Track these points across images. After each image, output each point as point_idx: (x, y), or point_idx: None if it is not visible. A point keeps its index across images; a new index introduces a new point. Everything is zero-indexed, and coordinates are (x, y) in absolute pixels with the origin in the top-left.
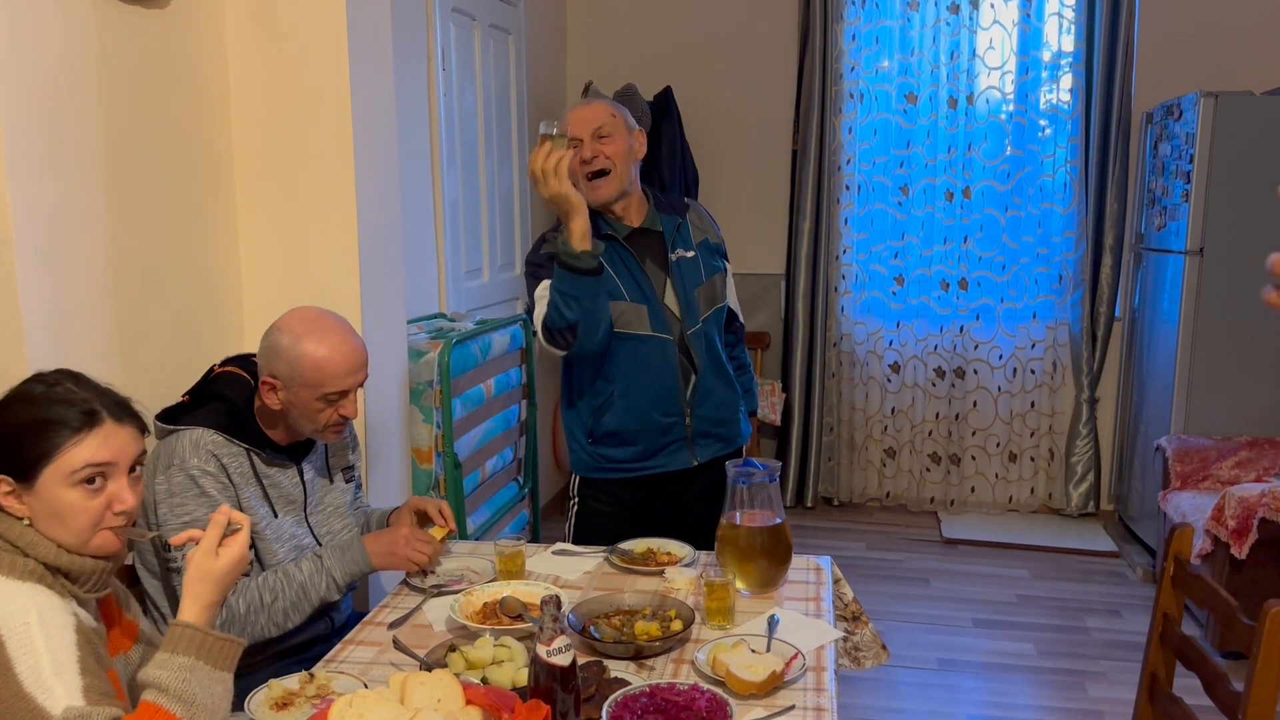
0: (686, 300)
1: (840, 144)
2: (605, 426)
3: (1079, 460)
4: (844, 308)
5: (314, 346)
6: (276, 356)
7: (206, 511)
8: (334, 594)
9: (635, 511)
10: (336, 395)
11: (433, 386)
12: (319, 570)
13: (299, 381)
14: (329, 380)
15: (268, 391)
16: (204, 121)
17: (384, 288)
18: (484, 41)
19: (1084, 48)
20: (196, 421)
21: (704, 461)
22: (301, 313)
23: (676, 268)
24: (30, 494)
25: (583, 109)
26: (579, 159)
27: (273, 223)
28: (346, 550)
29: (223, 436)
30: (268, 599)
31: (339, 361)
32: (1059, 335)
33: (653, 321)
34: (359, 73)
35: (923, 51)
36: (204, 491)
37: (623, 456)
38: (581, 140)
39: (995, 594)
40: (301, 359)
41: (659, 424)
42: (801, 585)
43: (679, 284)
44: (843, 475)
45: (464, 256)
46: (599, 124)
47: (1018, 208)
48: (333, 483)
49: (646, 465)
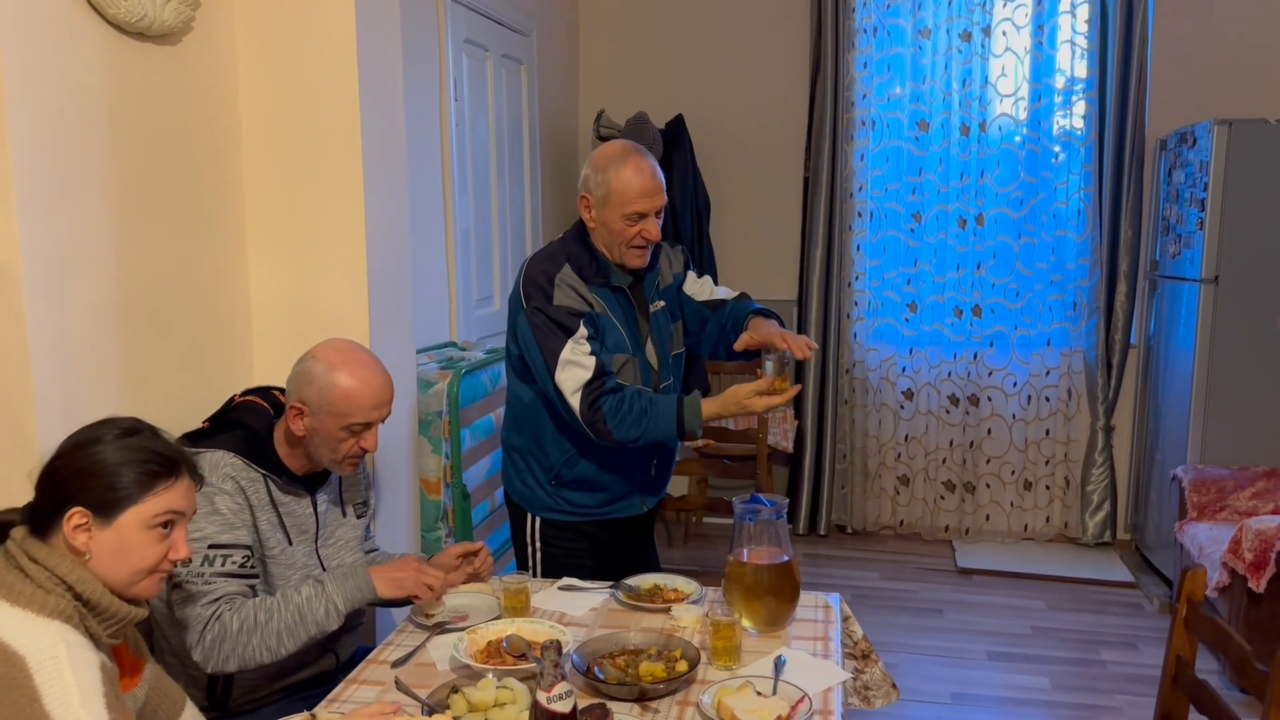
0: (662, 354)
1: (852, 171)
2: (575, 474)
3: (1095, 489)
4: (856, 334)
5: (345, 377)
6: (308, 383)
7: (218, 530)
8: (333, 621)
9: (601, 548)
10: (360, 427)
11: (442, 417)
12: (319, 594)
13: (327, 409)
14: (356, 411)
15: (294, 416)
16: (215, 156)
17: (394, 319)
18: (496, 71)
19: (1097, 74)
20: (216, 445)
21: (650, 509)
22: (336, 344)
23: (655, 320)
24: (104, 529)
25: (645, 179)
26: (641, 235)
27: (283, 256)
28: (350, 576)
29: (242, 460)
30: (262, 618)
31: (368, 394)
32: (1074, 362)
33: (642, 375)
34: (369, 107)
35: (934, 79)
36: (217, 509)
37: (588, 502)
38: (647, 215)
39: (1010, 625)
40: (333, 388)
41: (629, 476)
42: (810, 624)
43: (657, 338)
44: (856, 503)
45: (475, 285)
46: (662, 202)
47: (1031, 234)
48: (345, 516)
49: (606, 511)
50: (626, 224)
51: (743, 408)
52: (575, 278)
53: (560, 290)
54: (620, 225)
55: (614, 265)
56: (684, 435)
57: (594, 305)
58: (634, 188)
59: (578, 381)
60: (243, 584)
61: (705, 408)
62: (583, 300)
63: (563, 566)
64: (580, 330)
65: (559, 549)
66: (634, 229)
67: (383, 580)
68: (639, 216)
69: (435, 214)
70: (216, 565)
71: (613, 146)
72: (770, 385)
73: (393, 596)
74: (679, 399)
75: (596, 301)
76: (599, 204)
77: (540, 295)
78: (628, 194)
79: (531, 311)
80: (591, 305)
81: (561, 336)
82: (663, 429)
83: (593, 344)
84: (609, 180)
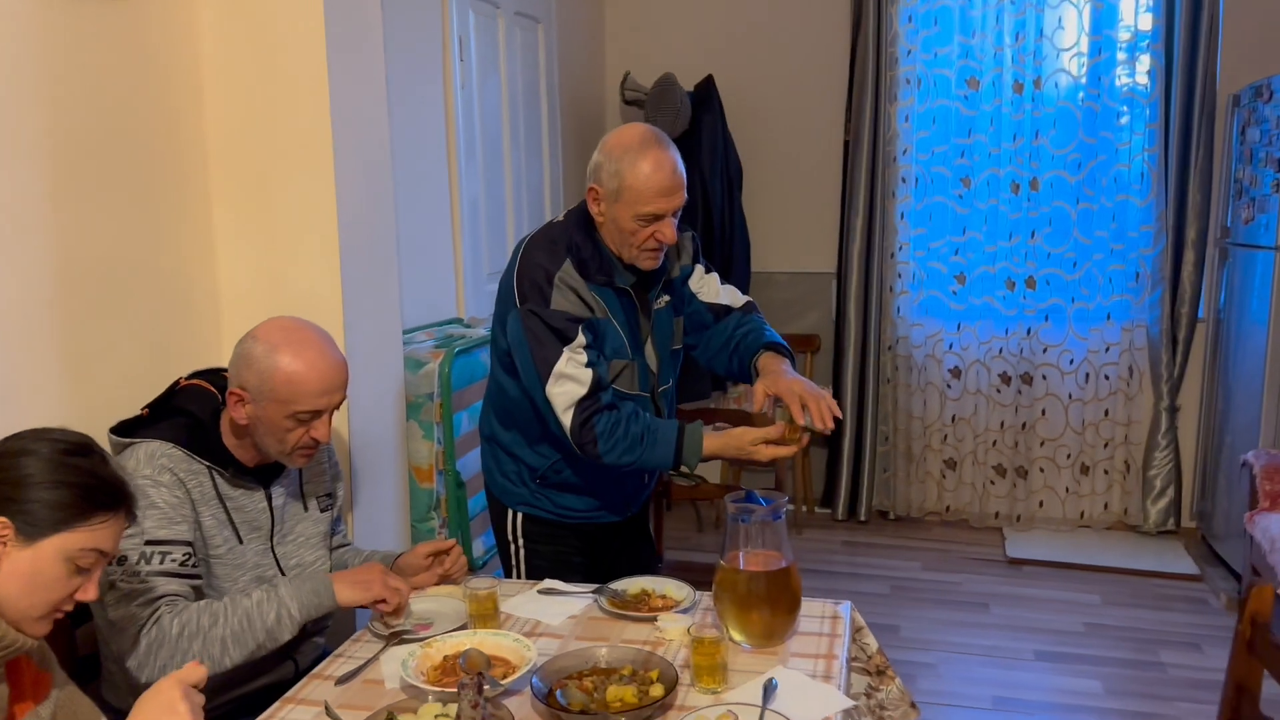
0: (663, 354)
1: (896, 133)
2: (562, 477)
3: (1157, 474)
4: (900, 308)
5: (289, 359)
6: (247, 366)
7: (156, 524)
8: (285, 630)
9: (591, 544)
10: (308, 415)
11: (433, 399)
12: (270, 599)
13: (269, 396)
14: (301, 397)
15: (235, 404)
16: (172, 121)
17: (373, 293)
18: (509, 30)
19: (1163, 25)
20: (155, 435)
21: (636, 512)
22: (280, 322)
23: (657, 319)
24: (23, 549)
25: (665, 175)
26: (655, 238)
27: (251, 225)
28: (307, 580)
29: (182, 452)
30: (205, 623)
31: (315, 378)
32: (1136, 338)
33: (640, 379)
34: (339, 69)
35: (985, 33)
36: (153, 503)
37: (575, 505)
38: (662, 217)
39: (1061, 622)
40: (274, 371)
41: (620, 481)
42: (814, 638)
43: (658, 337)
44: (899, 488)
45: (486, 258)
46: (682, 201)
47: (1090, 200)
48: (306, 510)
49: (591, 516)
50: (639, 224)
51: (747, 454)
52: (576, 276)
53: (559, 292)
54: (632, 225)
55: (620, 264)
56: (678, 467)
57: (594, 309)
58: (651, 185)
59: (571, 398)
60: (184, 584)
61: (707, 443)
62: (582, 304)
63: (548, 565)
64: (578, 339)
65: (544, 546)
66: (647, 231)
67: (344, 584)
68: (654, 218)
69: (439, 182)
70: (154, 563)
71: (630, 133)
72: (782, 434)
73: (354, 602)
74: (680, 429)
75: (597, 304)
76: (610, 198)
77: (537, 296)
78: (644, 192)
79: (526, 314)
80: (592, 309)
81: (557, 345)
82: (658, 458)
83: (590, 353)
84: (623, 173)
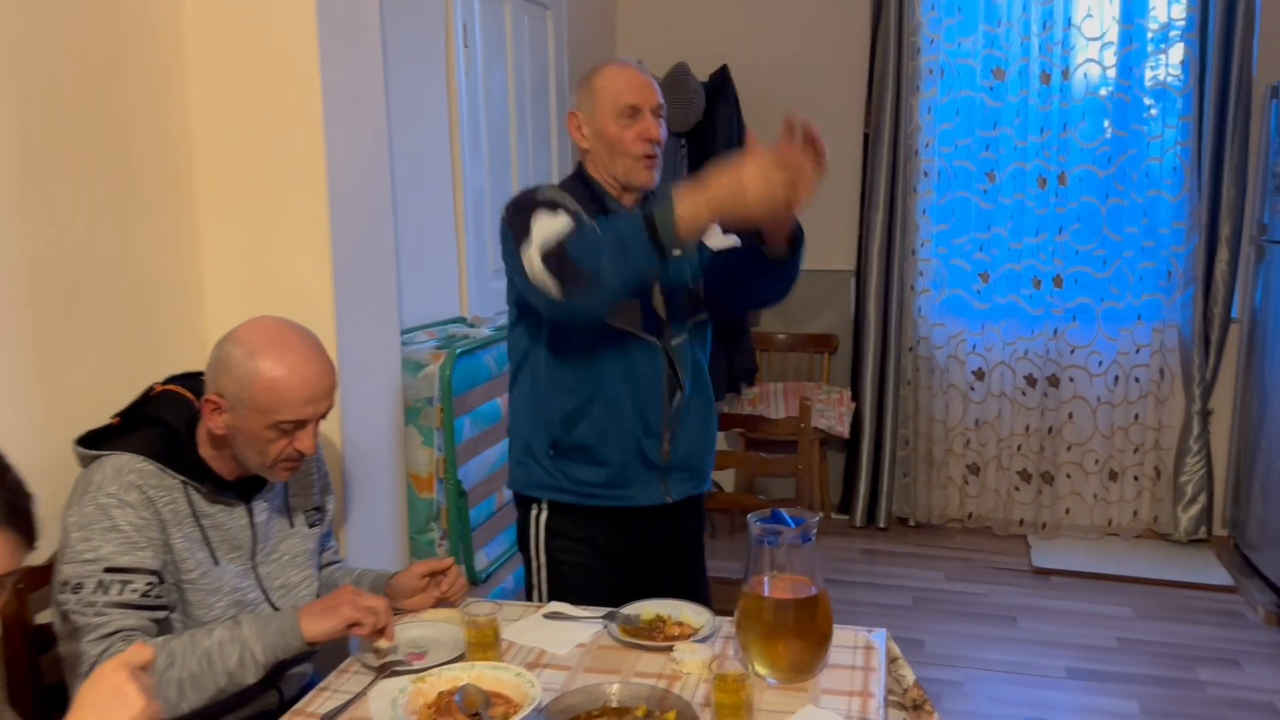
0: (673, 303)
1: (918, 125)
2: (575, 439)
3: (1189, 480)
4: (921, 307)
5: (270, 364)
6: (225, 371)
7: (118, 549)
8: (249, 674)
9: (612, 560)
10: (291, 425)
11: (433, 404)
12: (233, 639)
13: (248, 404)
14: (283, 406)
15: (211, 412)
16: (154, 103)
17: (369, 290)
18: (516, 17)
19: (1197, 14)
20: (124, 447)
21: (676, 500)
22: (262, 323)
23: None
24: None
25: (635, 74)
26: (641, 136)
27: (239, 221)
28: (273, 620)
29: (154, 465)
30: (161, 664)
31: (298, 385)
32: (1167, 339)
33: (645, 321)
34: (330, 43)
35: (1011, 21)
36: (115, 525)
37: (591, 479)
38: (641, 111)
39: (1093, 636)
40: (254, 377)
41: (636, 444)
42: (846, 671)
43: (665, 283)
44: (920, 494)
45: (491, 254)
46: (659, 101)
47: (1120, 195)
48: (293, 526)
49: (616, 494)
50: (623, 126)
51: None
52: (569, 198)
53: (548, 189)
54: (616, 129)
55: (610, 196)
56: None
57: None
58: (621, 78)
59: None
60: (144, 617)
61: (683, 205)
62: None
63: (570, 576)
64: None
65: (569, 558)
66: (632, 130)
67: (310, 617)
68: (633, 110)
69: (441, 174)
70: (112, 593)
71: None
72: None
73: (325, 634)
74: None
75: None
76: (588, 115)
77: (522, 194)
78: (615, 87)
79: (510, 212)
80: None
81: (536, 209)
82: (632, 244)
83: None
84: (593, 84)
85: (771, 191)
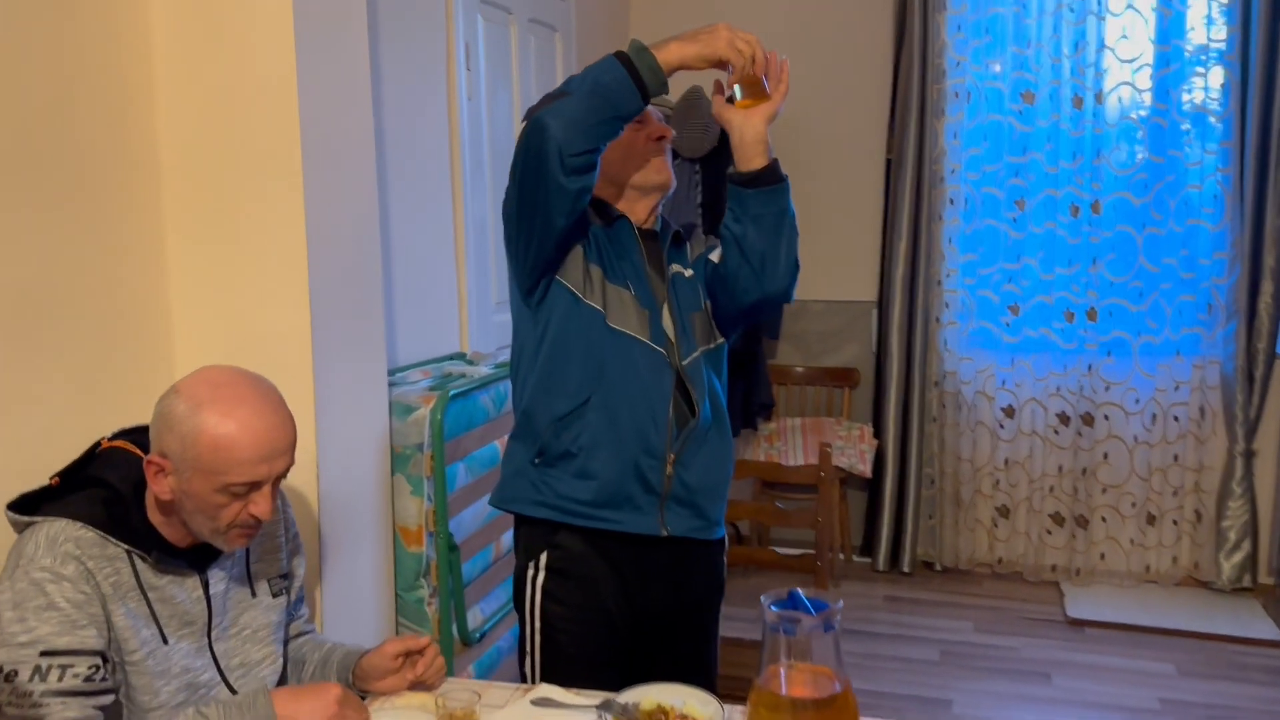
0: (682, 324)
1: (943, 151)
2: (563, 444)
3: (1231, 525)
4: (947, 341)
5: (216, 420)
6: (168, 429)
7: (55, 630)
8: None
9: (612, 627)
10: (243, 487)
11: (423, 450)
12: None
13: (193, 465)
14: (232, 467)
15: (155, 475)
16: (119, 126)
17: (352, 328)
18: (522, 37)
19: (1238, 34)
20: (61, 512)
21: (674, 535)
22: (208, 374)
23: (676, 284)
24: None
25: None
26: (654, 135)
27: (211, 253)
28: (247, 710)
29: (95, 533)
30: None
31: (248, 443)
32: (1208, 375)
33: (653, 333)
34: (309, 57)
35: (1042, 42)
36: (52, 603)
37: (577, 494)
38: None
39: (1134, 697)
40: (198, 435)
41: (632, 462)
42: None
43: (675, 305)
44: (946, 537)
45: (494, 286)
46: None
47: (1157, 224)
48: (255, 596)
49: (602, 516)
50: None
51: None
52: None
53: None
54: None
55: (612, 204)
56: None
57: None
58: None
59: None
60: (88, 705)
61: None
62: None
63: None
64: None
65: (564, 625)
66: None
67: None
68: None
69: (441, 203)
70: (51, 680)
71: None
72: None
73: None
74: None
75: None
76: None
77: None
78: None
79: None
80: None
81: None
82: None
83: None
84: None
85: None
